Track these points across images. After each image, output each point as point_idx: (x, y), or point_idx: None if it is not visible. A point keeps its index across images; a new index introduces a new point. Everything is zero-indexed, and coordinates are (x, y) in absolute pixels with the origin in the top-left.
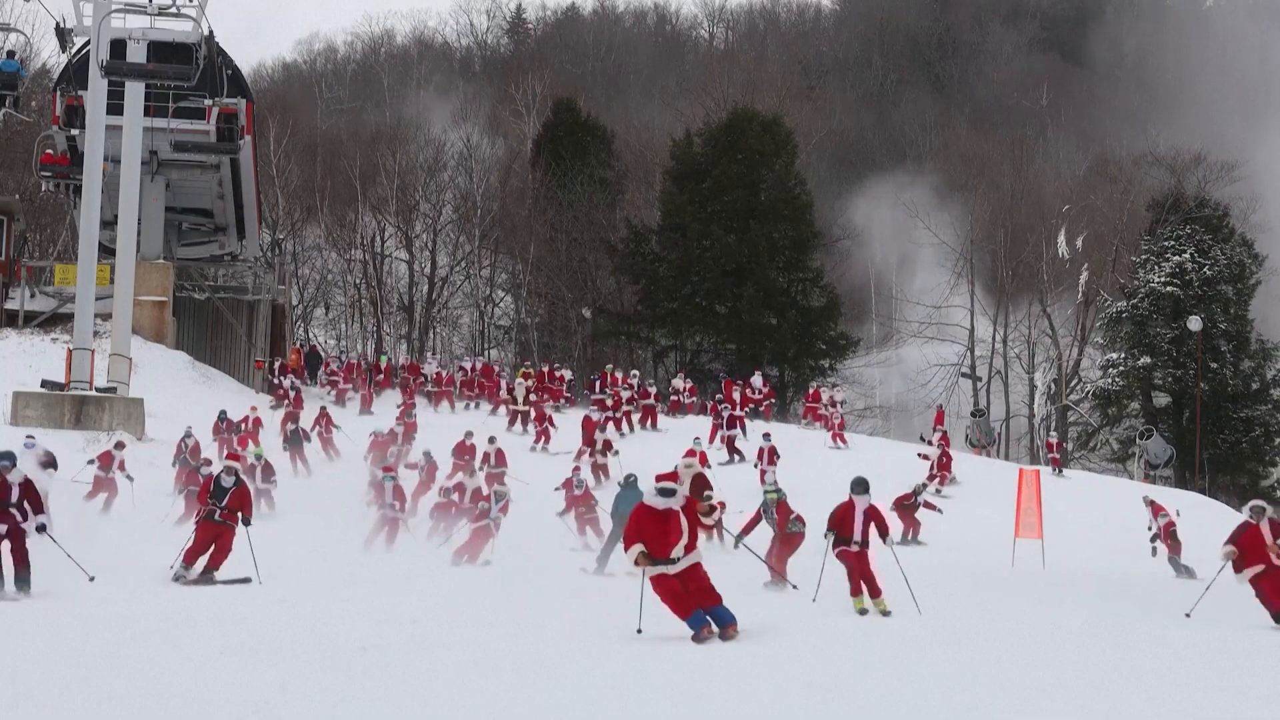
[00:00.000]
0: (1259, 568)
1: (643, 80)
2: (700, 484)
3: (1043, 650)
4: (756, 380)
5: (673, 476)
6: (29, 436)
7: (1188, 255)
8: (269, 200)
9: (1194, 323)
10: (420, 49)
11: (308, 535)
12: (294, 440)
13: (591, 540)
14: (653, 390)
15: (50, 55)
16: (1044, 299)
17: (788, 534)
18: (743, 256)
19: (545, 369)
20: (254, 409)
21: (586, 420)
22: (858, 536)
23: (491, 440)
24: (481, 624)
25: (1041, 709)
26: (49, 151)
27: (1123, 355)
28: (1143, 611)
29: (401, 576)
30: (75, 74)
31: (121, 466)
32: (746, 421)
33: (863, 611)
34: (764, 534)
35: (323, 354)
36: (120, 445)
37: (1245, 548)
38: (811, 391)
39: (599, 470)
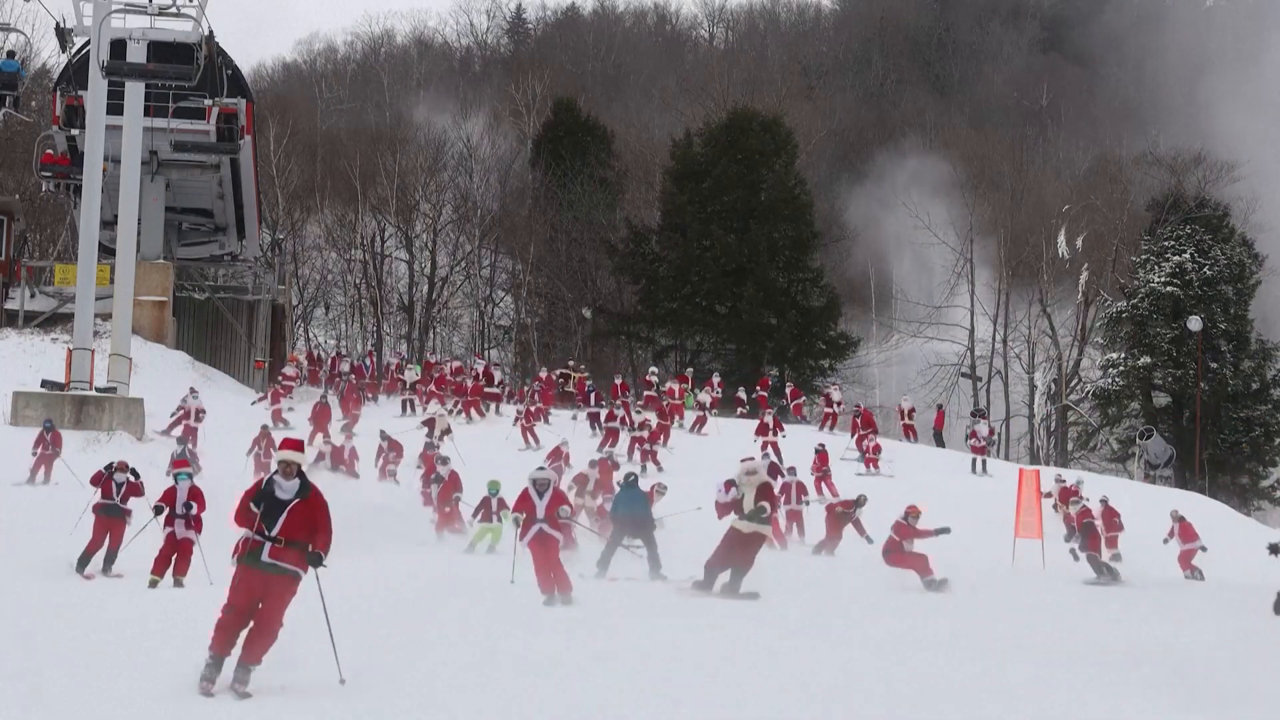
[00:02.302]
0: None
1: (643, 80)
2: (765, 495)
3: (1042, 651)
4: (835, 394)
5: None
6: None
7: (1188, 255)
8: (269, 200)
9: (1194, 323)
10: (420, 49)
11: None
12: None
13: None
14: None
15: (50, 55)
16: (1044, 299)
17: None
18: (743, 256)
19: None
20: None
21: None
22: None
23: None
24: (480, 625)
25: (1040, 709)
26: (49, 151)
27: (1123, 355)
28: (1145, 611)
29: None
30: (75, 74)
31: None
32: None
33: None
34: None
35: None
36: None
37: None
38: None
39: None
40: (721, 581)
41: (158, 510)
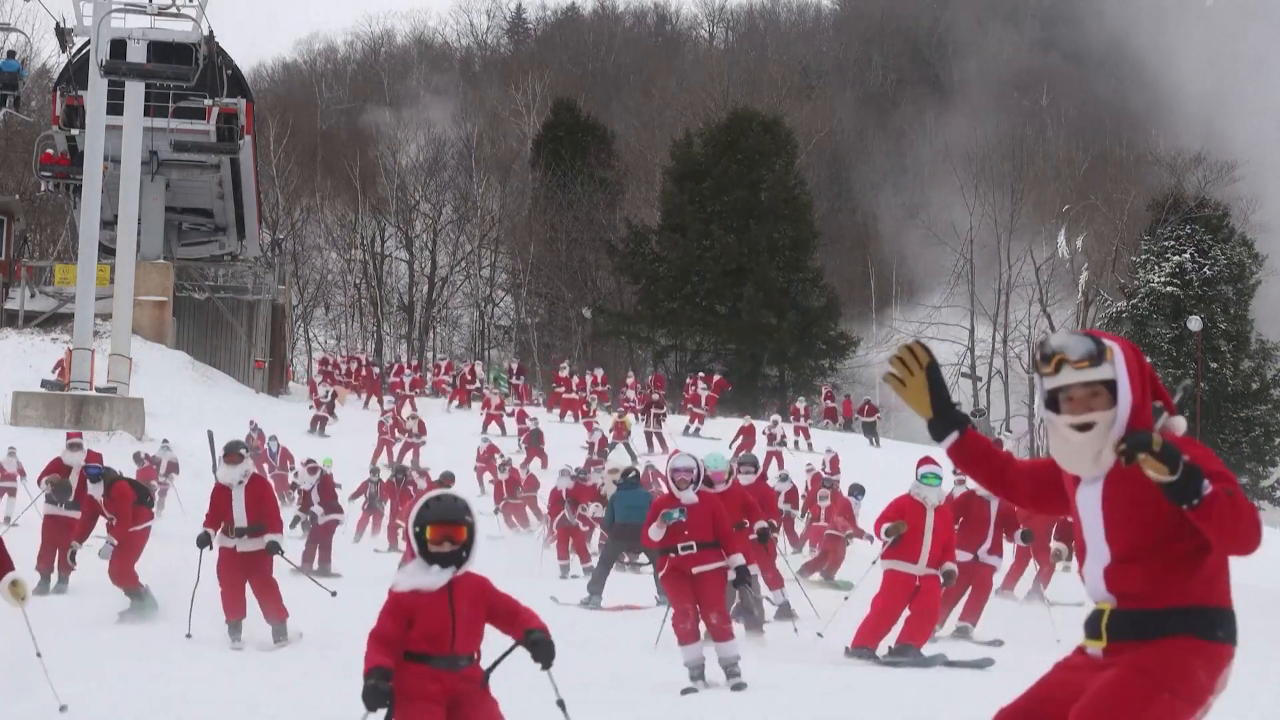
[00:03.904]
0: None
1: (643, 80)
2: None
3: (1045, 653)
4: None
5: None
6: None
7: (1188, 255)
8: (269, 200)
9: (1194, 323)
10: (420, 49)
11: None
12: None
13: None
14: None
15: (50, 55)
16: (1044, 299)
17: None
18: (743, 256)
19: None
20: None
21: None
22: None
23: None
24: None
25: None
26: (49, 151)
27: None
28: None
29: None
30: (75, 74)
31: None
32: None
33: None
34: None
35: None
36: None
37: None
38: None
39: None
40: None
41: None
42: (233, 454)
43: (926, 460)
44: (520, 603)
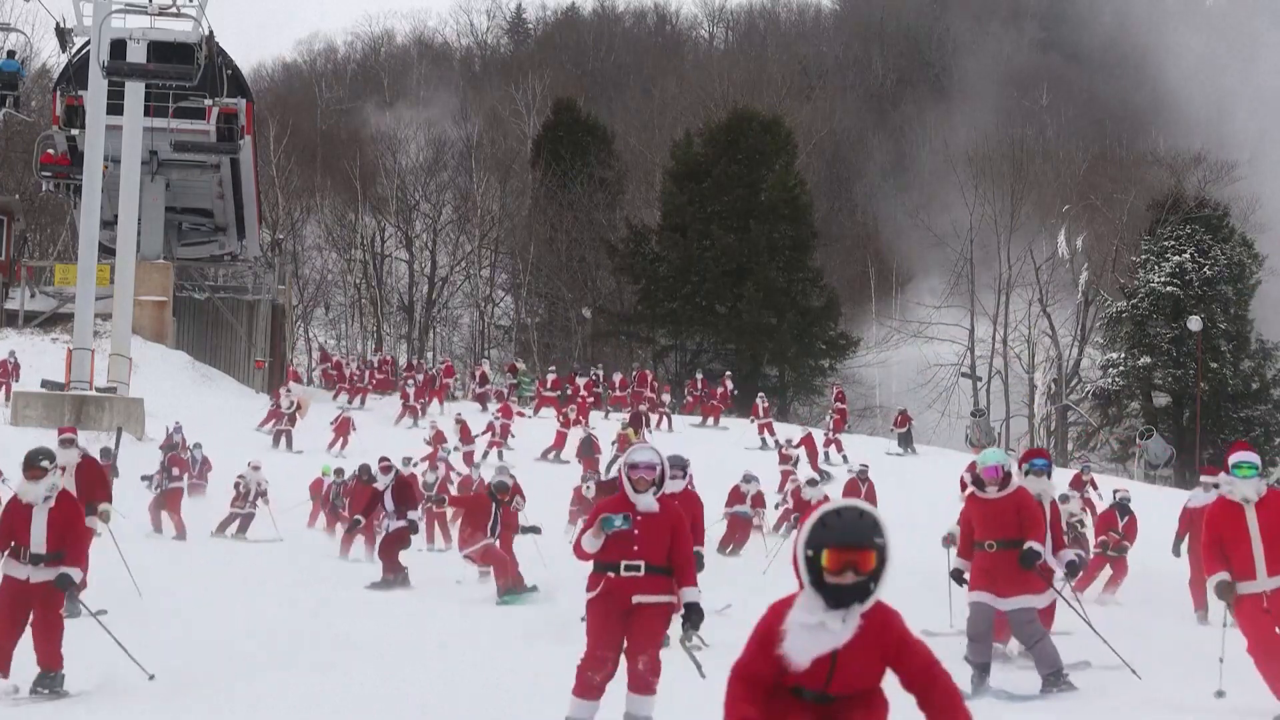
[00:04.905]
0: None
1: (643, 80)
2: None
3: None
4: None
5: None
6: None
7: (1188, 255)
8: (269, 200)
9: (1194, 323)
10: (420, 49)
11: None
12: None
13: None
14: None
15: (50, 55)
16: (1044, 299)
17: None
18: (743, 256)
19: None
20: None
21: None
22: None
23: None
24: (489, 631)
25: (1042, 708)
26: (49, 151)
27: (1123, 355)
28: (1154, 611)
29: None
30: (75, 74)
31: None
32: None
33: None
34: None
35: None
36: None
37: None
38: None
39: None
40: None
41: None
42: (34, 468)
43: (1239, 446)
44: (934, 657)
